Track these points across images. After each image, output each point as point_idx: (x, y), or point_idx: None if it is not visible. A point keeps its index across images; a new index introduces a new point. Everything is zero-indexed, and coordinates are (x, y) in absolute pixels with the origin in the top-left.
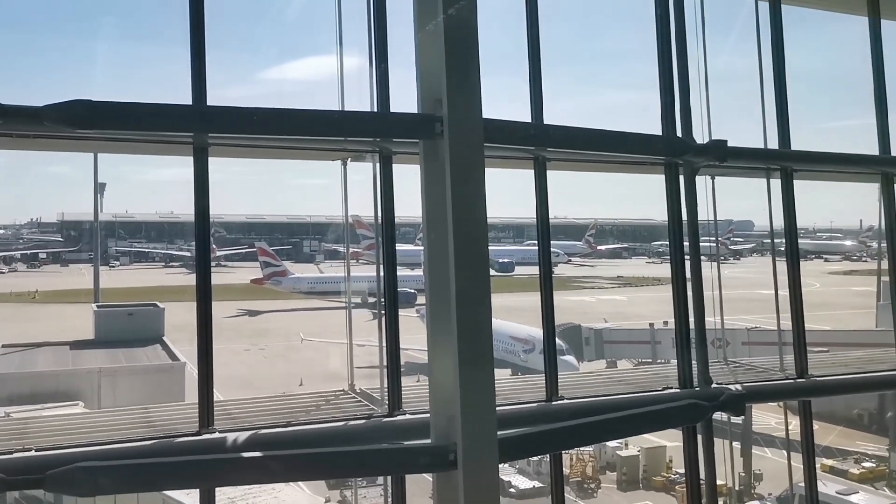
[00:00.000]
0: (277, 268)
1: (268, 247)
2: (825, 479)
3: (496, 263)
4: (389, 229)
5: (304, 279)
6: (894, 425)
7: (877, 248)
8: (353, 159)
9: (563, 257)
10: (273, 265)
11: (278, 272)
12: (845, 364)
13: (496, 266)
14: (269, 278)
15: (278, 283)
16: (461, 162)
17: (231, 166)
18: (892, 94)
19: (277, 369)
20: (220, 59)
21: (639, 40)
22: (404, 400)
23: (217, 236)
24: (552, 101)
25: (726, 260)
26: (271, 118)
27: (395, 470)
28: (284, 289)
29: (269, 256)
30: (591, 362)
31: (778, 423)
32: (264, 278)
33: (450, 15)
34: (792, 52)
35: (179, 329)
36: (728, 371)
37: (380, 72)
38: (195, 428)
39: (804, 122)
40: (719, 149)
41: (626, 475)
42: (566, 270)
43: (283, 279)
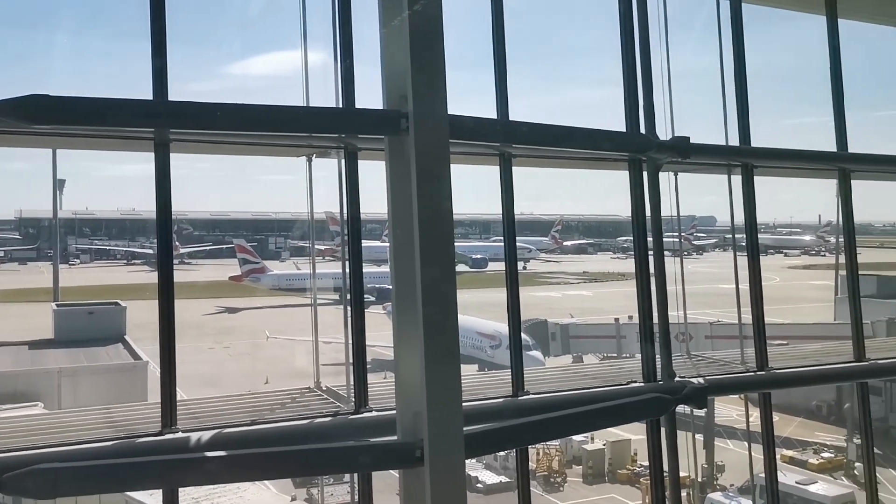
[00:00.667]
0: (256, 265)
1: (246, 243)
2: (785, 470)
3: (470, 259)
4: (355, 226)
5: (283, 276)
6: (852, 416)
7: (834, 242)
8: (319, 155)
9: (536, 252)
10: (251, 262)
11: (256, 269)
12: (804, 357)
13: (470, 262)
14: (248, 275)
15: (257, 279)
16: (427, 158)
17: (196, 162)
18: (848, 91)
19: (243, 367)
20: (182, 54)
21: (603, 37)
22: (371, 397)
23: (184, 233)
24: (518, 98)
25: (689, 255)
26: (235, 114)
27: (361, 467)
28: (263, 286)
29: (248, 253)
30: (557, 357)
31: (739, 415)
32: (243, 275)
33: (415, 11)
34: (753, 50)
35: (141, 327)
36: (691, 365)
37: (345, 67)
38: (157, 428)
39: (764, 119)
40: (682, 145)
41: (591, 469)
42: (533, 266)
43: (261, 276)
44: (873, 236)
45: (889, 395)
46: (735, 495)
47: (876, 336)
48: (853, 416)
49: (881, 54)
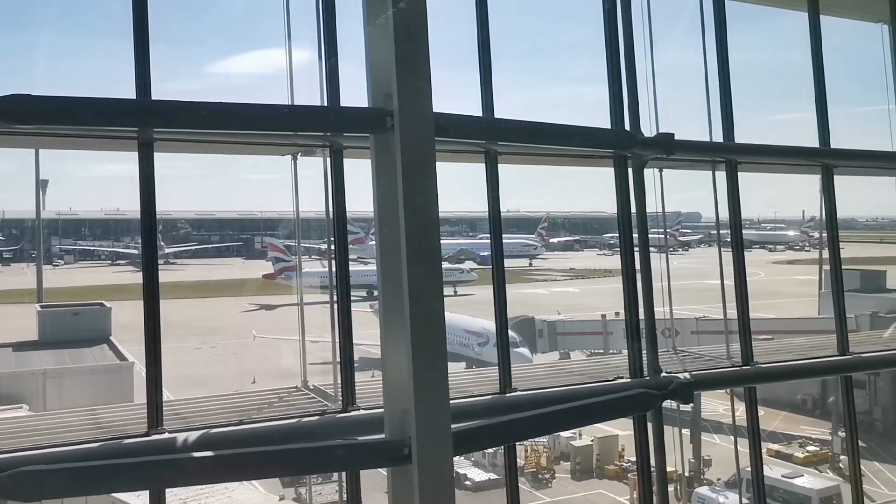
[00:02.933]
0: (288, 263)
1: (279, 242)
2: (771, 464)
3: (478, 256)
4: (341, 224)
5: (315, 273)
6: (836, 410)
7: (818, 237)
8: (304, 154)
9: (541, 249)
10: (284, 260)
11: (289, 267)
12: (789, 351)
13: (478, 259)
14: (281, 273)
15: (290, 277)
16: (412, 156)
17: (180, 161)
18: (830, 87)
19: (230, 367)
20: (165, 53)
21: (588, 34)
22: (358, 395)
23: (182, 232)
24: (503, 95)
25: (675, 251)
26: (219, 112)
27: (349, 466)
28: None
29: (280, 252)
30: (544, 354)
31: (726, 409)
32: (276, 273)
33: (400, 9)
34: (736, 46)
35: (127, 328)
36: (677, 360)
37: (329, 66)
38: (144, 429)
39: (748, 115)
40: (666, 142)
41: (579, 465)
42: (519, 263)
43: (294, 273)
44: (856, 231)
45: (873, 388)
46: (722, 489)
47: (859, 330)
48: (838, 409)
49: (862, 50)
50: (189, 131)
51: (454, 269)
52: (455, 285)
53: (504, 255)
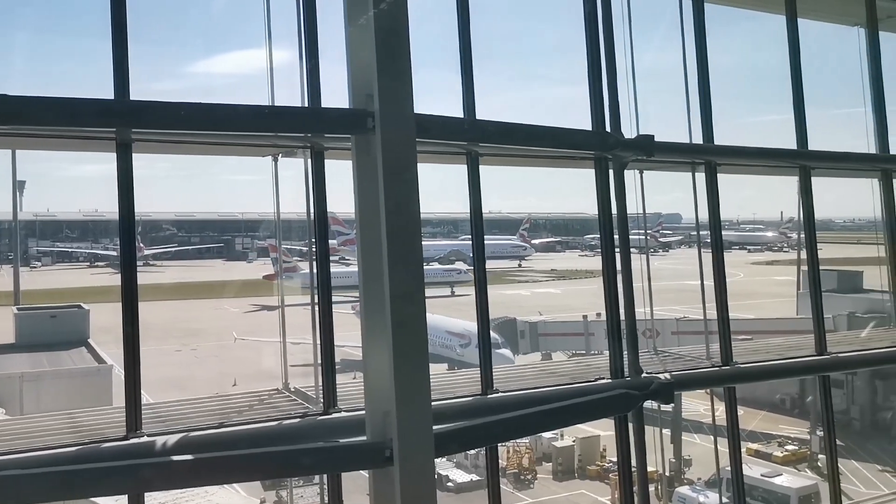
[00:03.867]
0: (288, 264)
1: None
2: (751, 463)
3: (468, 258)
4: (322, 225)
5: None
6: (814, 409)
7: (796, 238)
8: (285, 155)
9: (530, 250)
10: (284, 261)
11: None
12: (768, 351)
13: (468, 260)
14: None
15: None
16: (393, 157)
17: (158, 162)
18: (809, 90)
19: (210, 370)
20: (144, 53)
21: (569, 36)
22: (340, 397)
23: (167, 234)
24: (484, 97)
25: (656, 252)
26: (199, 113)
27: (330, 468)
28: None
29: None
30: (526, 355)
31: (706, 409)
32: (276, 274)
33: (381, 10)
34: (715, 49)
35: (106, 331)
36: (658, 361)
37: (310, 66)
38: (122, 432)
39: (727, 117)
40: (646, 143)
41: (561, 465)
42: (500, 264)
43: (294, 274)
44: (834, 232)
45: (850, 388)
46: (702, 489)
47: (837, 330)
48: (816, 408)
49: (839, 53)
50: (168, 132)
51: (452, 270)
52: (453, 286)
53: (495, 256)
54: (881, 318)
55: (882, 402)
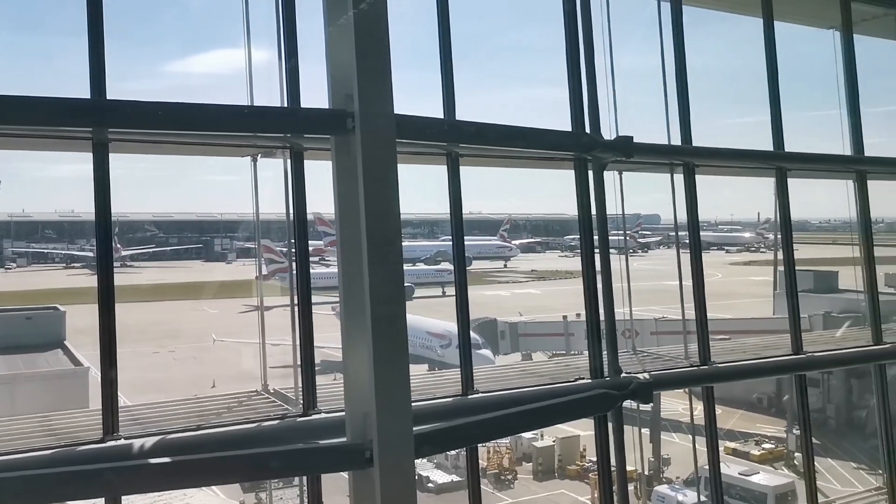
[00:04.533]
0: (281, 264)
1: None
2: (728, 461)
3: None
4: (301, 226)
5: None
6: (791, 408)
7: (773, 239)
8: (264, 155)
9: (516, 251)
10: (277, 262)
11: (282, 268)
12: (745, 350)
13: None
14: (274, 274)
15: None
16: (373, 157)
17: (136, 162)
18: (786, 92)
19: (188, 371)
20: (121, 52)
21: (549, 38)
22: (320, 399)
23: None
24: (463, 97)
25: (635, 253)
26: (177, 113)
27: (309, 470)
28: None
29: (274, 254)
30: (506, 355)
31: (684, 408)
32: (269, 274)
33: (360, 10)
34: (693, 51)
35: (82, 332)
36: (637, 360)
37: (289, 66)
38: (99, 435)
39: (705, 118)
40: (625, 145)
41: (541, 465)
42: (482, 265)
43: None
44: (810, 233)
45: (826, 386)
46: (681, 487)
47: (813, 329)
48: (792, 407)
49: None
50: (145, 132)
51: (443, 270)
52: (444, 286)
53: (481, 257)
54: (856, 318)
55: (857, 400)
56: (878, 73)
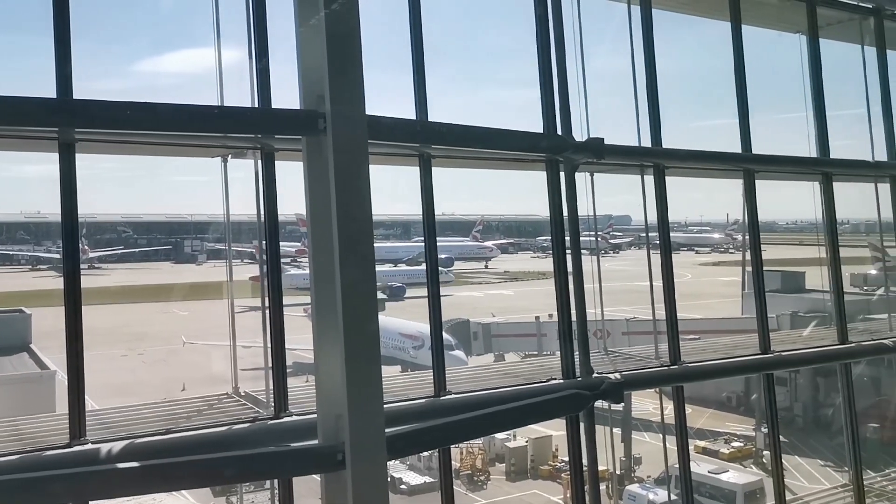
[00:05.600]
0: None
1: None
2: (698, 460)
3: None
4: (273, 227)
5: (300, 275)
6: (759, 406)
7: (741, 240)
8: (234, 156)
9: (496, 251)
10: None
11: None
12: (714, 350)
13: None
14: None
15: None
16: (345, 158)
17: (103, 162)
18: (755, 95)
19: (158, 374)
20: (88, 50)
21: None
22: (291, 401)
23: (124, 236)
24: (436, 99)
25: (606, 253)
26: (145, 113)
27: (281, 473)
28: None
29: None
30: (479, 356)
31: (655, 408)
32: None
33: (332, 10)
34: (663, 53)
35: (49, 336)
36: (608, 361)
37: (260, 66)
38: (66, 439)
39: (675, 121)
40: (596, 146)
41: (514, 466)
42: (463, 266)
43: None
44: (777, 234)
45: (793, 385)
46: (652, 486)
47: (780, 329)
48: (760, 406)
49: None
50: (113, 132)
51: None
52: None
53: (462, 258)
54: (822, 318)
55: (823, 399)
56: (843, 77)
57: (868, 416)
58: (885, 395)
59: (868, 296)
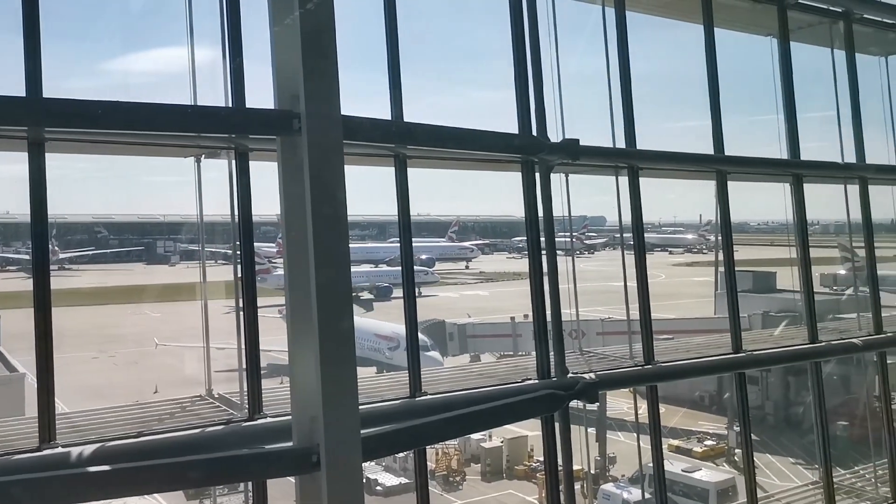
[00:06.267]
0: (262, 265)
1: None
2: (672, 459)
3: (418, 259)
4: (247, 228)
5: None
6: (731, 405)
7: (714, 240)
8: (208, 156)
9: (477, 252)
10: (258, 263)
11: (263, 270)
12: (687, 350)
13: (418, 262)
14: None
15: (264, 279)
16: (320, 159)
17: (74, 162)
18: (724, 97)
19: (130, 377)
20: (58, 49)
21: (497, 41)
22: (266, 403)
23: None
24: (411, 100)
25: (581, 254)
26: (117, 112)
27: (255, 475)
28: (270, 285)
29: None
30: (455, 357)
31: (629, 407)
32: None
33: (307, 10)
34: (637, 56)
35: (18, 338)
36: (583, 361)
37: (234, 66)
38: (35, 443)
39: (649, 122)
40: (571, 147)
41: (490, 466)
42: (444, 266)
43: (268, 276)
44: (749, 234)
45: (765, 384)
46: (626, 485)
47: (752, 328)
48: (733, 405)
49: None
50: (84, 131)
51: (420, 271)
52: (420, 287)
53: (444, 258)
54: (793, 317)
55: (794, 397)
56: (813, 80)
57: (838, 414)
58: (855, 393)
59: (837, 296)
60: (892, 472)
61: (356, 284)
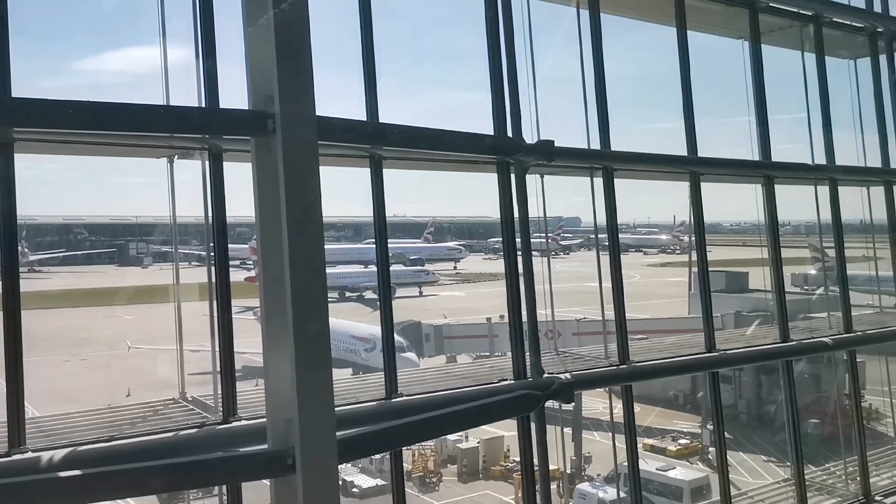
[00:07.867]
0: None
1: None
2: (646, 458)
3: (407, 259)
4: (221, 229)
5: None
6: (705, 404)
7: (688, 241)
8: (181, 157)
9: (465, 252)
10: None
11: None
12: (661, 349)
13: (407, 262)
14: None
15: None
16: (295, 160)
17: (45, 163)
18: (697, 99)
19: (102, 380)
20: (27, 47)
21: (471, 42)
22: (241, 405)
23: (80, 238)
24: (386, 101)
25: (557, 255)
26: (88, 112)
27: (229, 478)
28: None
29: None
30: (431, 358)
31: (605, 407)
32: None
33: (281, 10)
34: (612, 58)
35: None
36: (559, 361)
37: (207, 66)
38: (4, 448)
39: (623, 124)
40: (546, 148)
41: (466, 467)
42: (433, 267)
43: None
44: (722, 235)
45: (738, 383)
46: (601, 484)
47: (725, 328)
48: (706, 403)
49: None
50: (54, 131)
51: (420, 271)
52: (420, 286)
53: (433, 259)
54: (765, 317)
55: (766, 396)
56: (784, 82)
57: (809, 413)
58: (826, 391)
59: (808, 295)
60: (862, 469)
61: (358, 284)
